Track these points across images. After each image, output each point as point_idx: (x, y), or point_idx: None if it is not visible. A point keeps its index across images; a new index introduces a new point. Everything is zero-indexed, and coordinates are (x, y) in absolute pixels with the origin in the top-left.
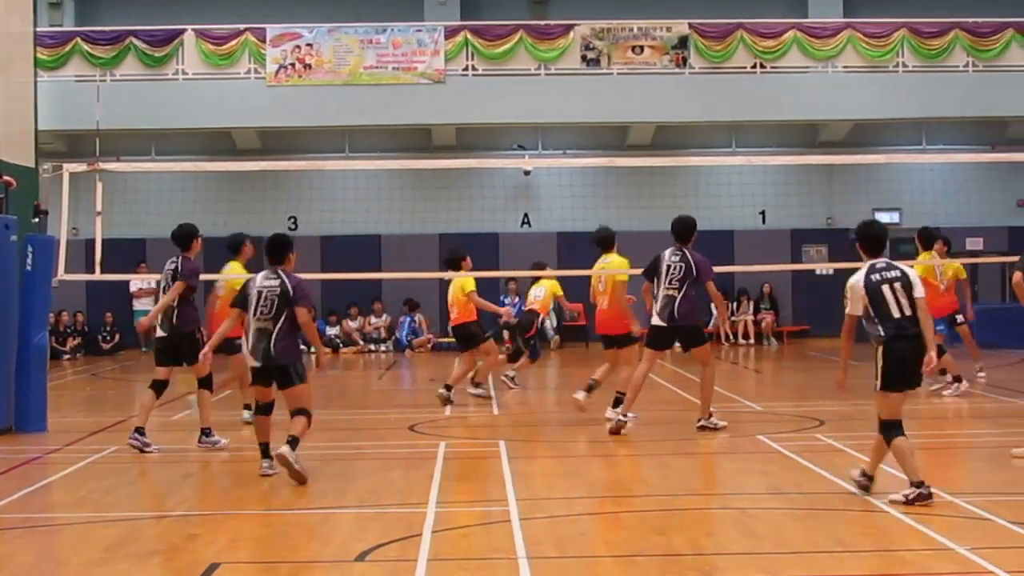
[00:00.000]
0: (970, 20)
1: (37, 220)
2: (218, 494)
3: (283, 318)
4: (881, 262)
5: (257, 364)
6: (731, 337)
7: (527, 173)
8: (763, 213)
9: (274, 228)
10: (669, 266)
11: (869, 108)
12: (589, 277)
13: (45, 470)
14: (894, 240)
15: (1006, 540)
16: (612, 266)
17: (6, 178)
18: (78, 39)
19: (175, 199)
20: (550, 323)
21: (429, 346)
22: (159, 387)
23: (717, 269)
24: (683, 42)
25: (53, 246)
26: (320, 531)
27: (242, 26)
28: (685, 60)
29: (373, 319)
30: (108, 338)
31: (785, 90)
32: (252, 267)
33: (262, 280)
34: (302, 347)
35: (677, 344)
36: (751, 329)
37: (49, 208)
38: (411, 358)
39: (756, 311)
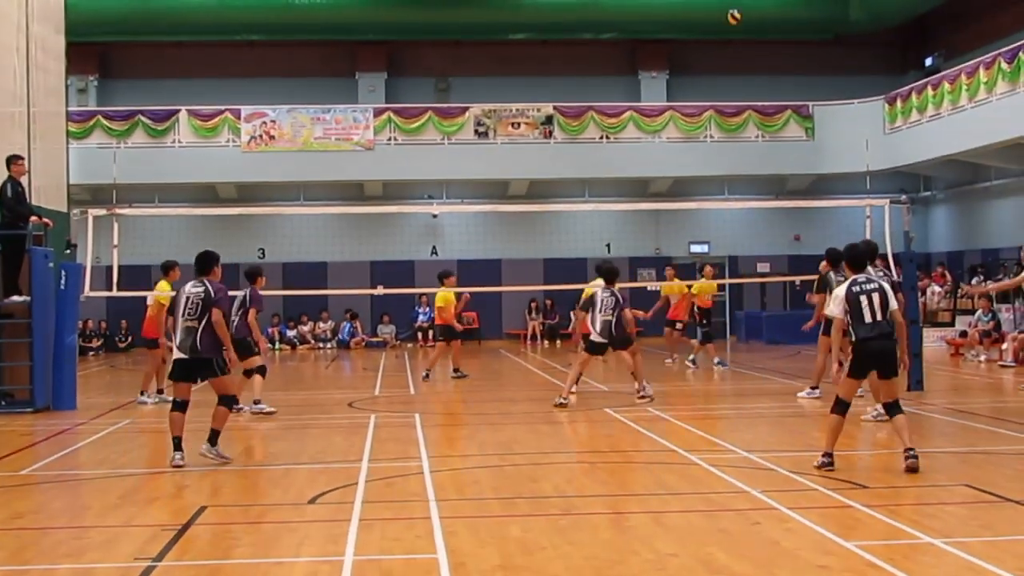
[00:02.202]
0: (759, 103)
1: (68, 251)
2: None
3: (206, 318)
4: (862, 277)
5: (184, 356)
6: None
7: (435, 216)
8: (608, 245)
9: (248, 257)
10: (603, 299)
11: (686, 168)
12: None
13: (75, 438)
14: (704, 265)
15: (787, 485)
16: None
17: (44, 220)
18: (99, 116)
19: (172, 235)
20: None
21: (363, 344)
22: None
23: (576, 286)
24: (549, 119)
25: (81, 271)
26: (282, 481)
27: (223, 107)
28: (551, 133)
29: (321, 324)
30: (123, 339)
31: (624, 155)
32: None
33: (190, 287)
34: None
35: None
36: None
37: (77, 242)
38: (352, 353)
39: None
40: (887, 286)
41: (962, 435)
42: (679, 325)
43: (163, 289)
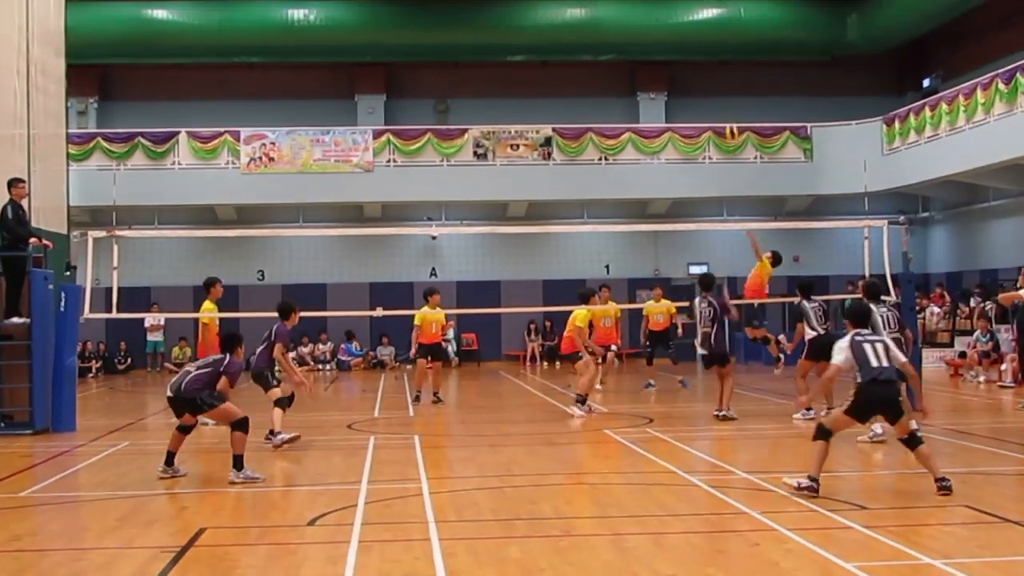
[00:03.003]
0: (757, 124)
1: (68, 273)
2: (203, 476)
3: (204, 373)
4: (866, 331)
5: (170, 395)
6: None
7: (434, 238)
8: (607, 266)
9: (247, 279)
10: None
11: (684, 189)
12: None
13: (74, 460)
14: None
15: (786, 506)
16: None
17: (45, 242)
18: (99, 138)
19: (172, 257)
20: (451, 347)
21: (371, 360)
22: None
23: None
24: (548, 141)
25: (80, 292)
26: (281, 503)
27: (222, 129)
28: (550, 154)
29: (320, 346)
30: (122, 361)
31: (623, 176)
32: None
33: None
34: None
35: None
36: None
37: (77, 264)
38: (351, 374)
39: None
40: (890, 341)
41: (961, 456)
42: (614, 347)
43: (208, 309)
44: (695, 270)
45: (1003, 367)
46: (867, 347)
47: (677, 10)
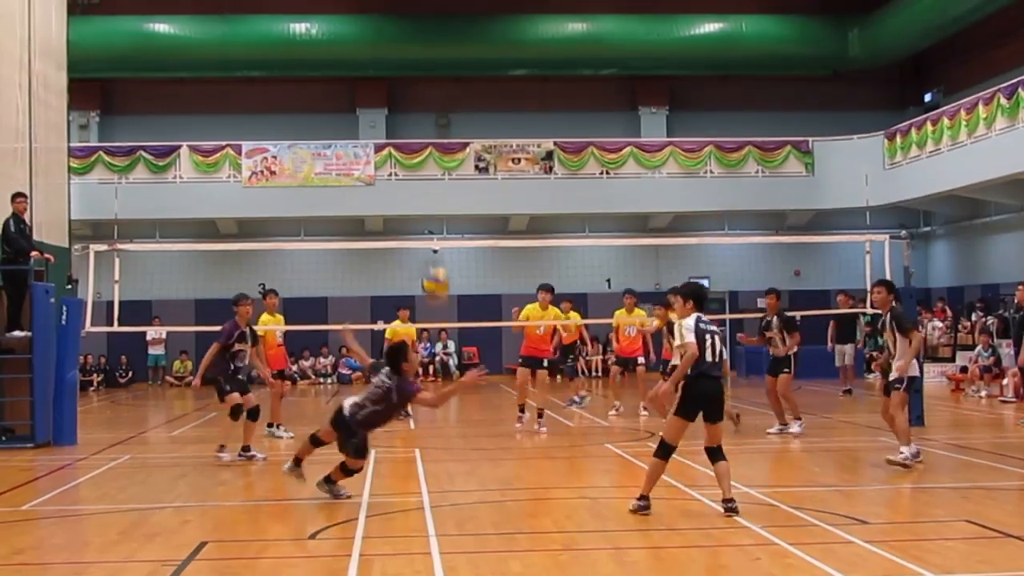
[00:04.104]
0: (759, 139)
1: (70, 287)
2: (204, 490)
3: None
4: (704, 316)
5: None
6: (586, 371)
7: (435, 252)
8: (608, 280)
9: (248, 293)
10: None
11: (685, 203)
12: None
13: (75, 473)
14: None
15: (787, 520)
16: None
17: (46, 255)
18: (101, 152)
19: (174, 271)
20: (452, 361)
21: (364, 378)
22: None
23: (582, 322)
24: (549, 155)
25: (82, 306)
26: (282, 516)
27: (224, 143)
28: (551, 168)
29: (321, 359)
30: (123, 375)
31: (624, 190)
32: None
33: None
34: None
35: None
36: (599, 365)
37: (79, 277)
38: (352, 388)
39: (604, 352)
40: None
41: (963, 471)
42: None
43: (266, 322)
44: None
45: (1004, 382)
46: (707, 337)
47: (679, 25)
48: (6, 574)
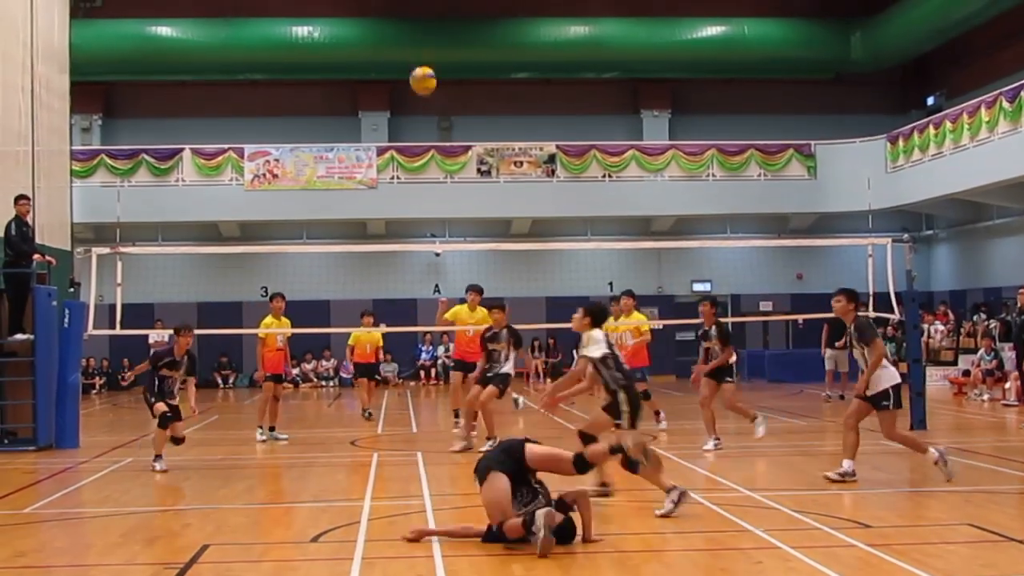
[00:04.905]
0: (761, 142)
1: (72, 290)
2: (206, 493)
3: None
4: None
5: None
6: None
7: (437, 255)
8: (611, 284)
9: (250, 296)
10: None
11: (687, 207)
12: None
13: (77, 476)
14: None
15: (790, 524)
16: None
17: (48, 258)
18: (103, 155)
19: (176, 274)
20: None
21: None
22: None
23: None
24: (552, 158)
25: (84, 309)
26: (284, 520)
27: (226, 146)
28: (553, 171)
29: (324, 362)
30: (125, 378)
31: (626, 193)
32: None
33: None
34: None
35: None
36: None
37: (81, 280)
38: (353, 391)
39: None
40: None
41: (965, 474)
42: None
43: (269, 324)
44: (699, 288)
45: (1007, 385)
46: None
47: (681, 28)
48: None
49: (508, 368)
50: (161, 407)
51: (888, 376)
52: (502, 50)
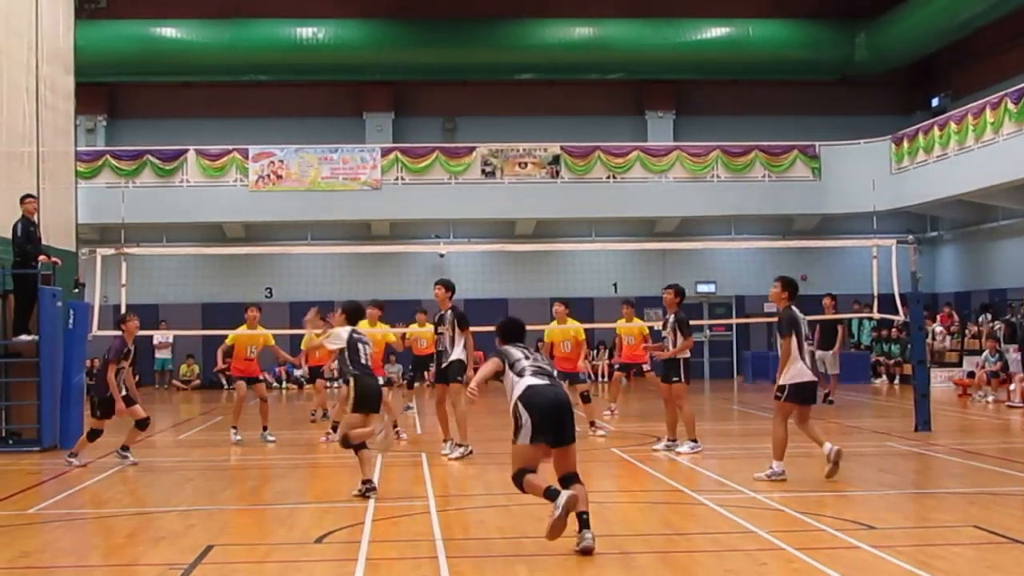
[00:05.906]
0: (766, 143)
1: (77, 290)
2: (210, 494)
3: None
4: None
5: None
6: (592, 376)
7: (442, 256)
8: (615, 285)
9: (255, 297)
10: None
11: (692, 208)
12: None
13: (81, 477)
14: (711, 304)
15: (794, 525)
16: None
17: (53, 259)
18: (108, 156)
19: (180, 275)
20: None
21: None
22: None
23: (586, 326)
24: (556, 159)
25: (89, 310)
26: (288, 520)
27: (231, 147)
28: (558, 172)
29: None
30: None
31: (631, 194)
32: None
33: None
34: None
35: None
36: (606, 370)
37: (85, 281)
38: None
39: (610, 356)
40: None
41: (970, 476)
42: (646, 368)
43: (240, 334)
44: (703, 289)
45: (1012, 387)
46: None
47: (685, 29)
48: None
49: (457, 353)
50: (138, 411)
51: (796, 372)
52: (506, 51)
